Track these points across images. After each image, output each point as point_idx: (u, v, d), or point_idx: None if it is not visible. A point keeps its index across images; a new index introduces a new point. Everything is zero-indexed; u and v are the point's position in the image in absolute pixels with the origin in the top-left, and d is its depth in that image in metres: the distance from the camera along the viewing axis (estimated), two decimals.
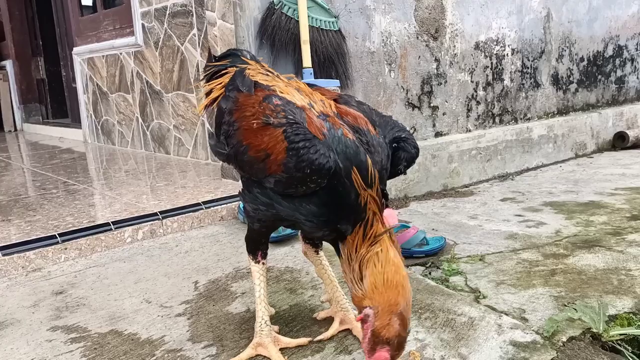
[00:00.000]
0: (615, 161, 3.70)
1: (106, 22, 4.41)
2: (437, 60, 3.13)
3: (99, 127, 4.76)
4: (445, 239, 2.11)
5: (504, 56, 3.49)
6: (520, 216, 2.49)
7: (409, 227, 2.10)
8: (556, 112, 3.91)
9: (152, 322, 1.53)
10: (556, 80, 3.86)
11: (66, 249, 2.05)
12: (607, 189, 2.90)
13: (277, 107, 1.17)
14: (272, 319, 1.43)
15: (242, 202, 1.34)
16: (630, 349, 1.40)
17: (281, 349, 1.32)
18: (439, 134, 3.19)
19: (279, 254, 2.01)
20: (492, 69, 3.42)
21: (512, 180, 3.31)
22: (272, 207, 1.21)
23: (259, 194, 1.22)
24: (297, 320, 1.49)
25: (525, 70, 3.63)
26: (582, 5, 3.92)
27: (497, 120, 3.51)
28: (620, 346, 1.40)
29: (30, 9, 6.51)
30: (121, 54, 4.16)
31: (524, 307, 1.57)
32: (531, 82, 3.69)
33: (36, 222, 2.27)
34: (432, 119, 3.15)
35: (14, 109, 6.72)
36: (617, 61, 4.32)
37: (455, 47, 3.20)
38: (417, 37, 3.03)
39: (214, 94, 1.38)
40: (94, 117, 4.83)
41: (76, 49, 4.88)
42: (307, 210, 1.15)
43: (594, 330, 1.42)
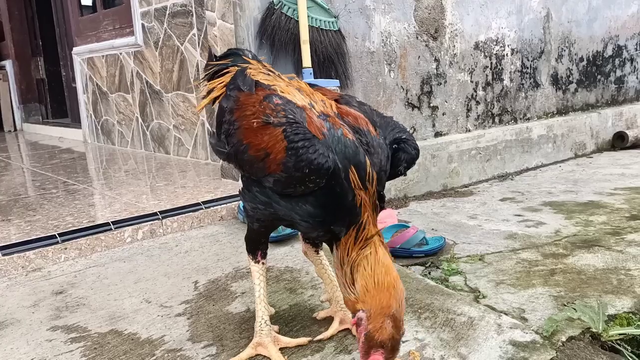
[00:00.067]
0: (614, 161, 3.70)
1: (106, 22, 4.41)
2: (436, 60, 3.13)
3: (99, 127, 4.76)
4: (444, 238, 2.11)
5: (504, 56, 3.49)
6: (519, 216, 2.50)
7: (409, 227, 2.10)
8: (556, 112, 3.91)
9: (152, 321, 1.53)
10: (556, 80, 3.86)
11: (66, 248, 2.05)
12: (606, 189, 2.91)
13: (278, 107, 1.17)
14: (272, 318, 1.43)
15: (242, 202, 1.34)
16: (629, 348, 1.40)
17: (281, 349, 1.32)
18: (438, 134, 3.19)
19: (279, 254, 2.01)
20: (491, 69, 3.43)
21: (512, 180, 3.31)
22: (271, 206, 1.21)
23: (258, 193, 1.22)
24: (296, 319, 1.50)
25: (524, 70, 3.63)
26: (581, 5, 3.93)
27: (497, 120, 3.51)
28: (619, 346, 1.40)
29: (29, 9, 6.51)
30: (121, 53, 4.17)
31: (523, 307, 1.57)
32: (531, 82, 3.69)
33: (36, 222, 2.27)
34: (432, 119, 3.15)
35: (14, 109, 6.72)
36: (617, 61, 4.32)
37: (454, 47, 3.20)
38: (417, 37, 3.03)
39: (215, 92, 1.38)
40: (93, 117, 4.83)
41: (76, 49, 4.88)
42: (303, 210, 1.15)
43: (594, 330, 1.42)
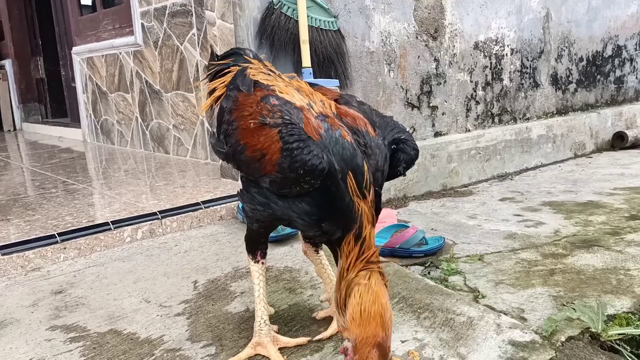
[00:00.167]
0: (614, 161, 3.70)
1: (105, 22, 4.41)
2: (436, 60, 3.13)
3: (98, 127, 4.75)
4: (444, 238, 2.11)
5: (503, 56, 3.49)
6: (519, 216, 2.50)
7: (408, 226, 2.10)
8: (555, 112, 3.91)
9: (151, 321, 1.53)
10: (555, 80, 3.86)
11: (65, 248, 2.05)
12: (605, 189, 2.91)
13: (274, 108, 1.17)
14: (271, 318, 1.43)
15: (240, 202, 1.34)
16: (628, 348, 1.40)
17: (280, 349, 1.32)
18: (438, 134, 3.19)
19: (278, 254, 2.01)
20: (491, 69, 3.43)
21: (511, 180, 3.31)
22: (269, 207, 1.21)
23: (256, 193, 1.22)
24: (296, 319, 1.49)
25: (524, 70, 3.63)
26: (581, 5, 3.93)
27: (496, 120, 3.51)
28: (619, 346, 1.40)
29: (29, 8, 6.51)
30: (120, 53, 4.16)
31: (522, 307, 1.57)
32: (530, 82, 3.69)
33: (35, 222, 2.27)
34: (432, 119, 3.15)
35: (13, 109, 6.72)
36: (616, 61, 4.32)
37: (454, 47, 3.20)
38: (417, 37, 3.03)
39: (218, 92, 1.38)
40: (93, 116, 4.82)
41: (75, 49, 4.88)
42: (299, 208, 1.15)
43: (593, 329, 1.42)
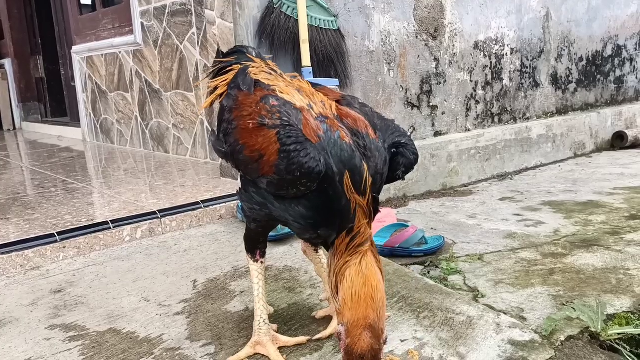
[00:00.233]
0: (614, 161, 3.70)
1: (105, 21, 4.41)
2: (436, 59, 3.13)
3: (98, 126, 4.75)
4: (444, 238, 2.11)
5: (503, 56, 3.49)
6: (519, 215, 2.50)
7: (408, 226, 2.10)
8: (555, 112, 3.91)
9: (150, 320, 1.53)
10: (555, 80, 3.86)
11: (65, 247, 2.05)
12: (605, 189, 2.91)
13: (273, 108, 1.16)
14: (271, 317, 1.43)
15: (239, 201, 1.33)
16: (628, 348, 1.40)
17: (280, 348, 1.32)
18: (438, 134, 3.19)
19: (278, 253, 2.01)
20: (491, 69, 3.43)
21: (511, 179, 3.31)
22: (266, 207, 1.21)
23: (255, 193, 1.22)
24: (295, 319, 1.49)
25: (524, 69, 3.63)
26: (581, 5, 3.93)
27: (496, 119, 3.51)
28: (618, 345, 1.40)
29: (29, 8, 6.50)
30: (120, 52, 4.16)
31: (522, 306, 1.57)
32: (530, 82, 3.69)
33: (35, 221, 2.27)
34: (432, 119, 3.15)
35: (13, 108, 6.71)
36: (616, 61, 4.32)
37: (454, 46, 3.20)
38: (417, 37, 3.03)
39: (220, 90, 1.38)
40: (93, 115, 4.82)
41: (75, 48, 4.88)
42: (296, 212, 1.14)
43: (592, 329, 1.42)
